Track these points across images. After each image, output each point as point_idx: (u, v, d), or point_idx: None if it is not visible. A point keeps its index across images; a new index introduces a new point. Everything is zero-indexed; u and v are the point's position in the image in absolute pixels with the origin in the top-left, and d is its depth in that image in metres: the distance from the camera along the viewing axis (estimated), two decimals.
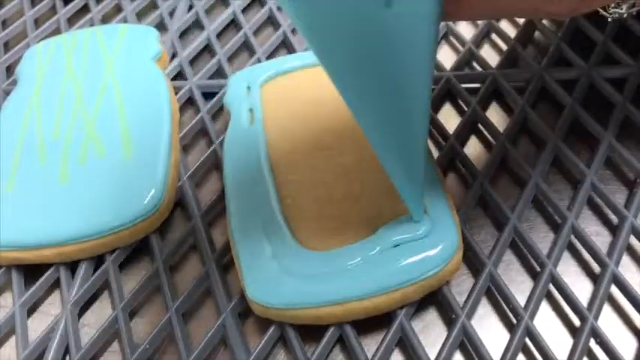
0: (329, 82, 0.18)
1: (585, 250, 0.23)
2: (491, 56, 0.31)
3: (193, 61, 0.33)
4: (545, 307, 0.22)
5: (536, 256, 0.23)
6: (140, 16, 0.37)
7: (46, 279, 0.25)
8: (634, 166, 0.25)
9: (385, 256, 0.22)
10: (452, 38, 0.32)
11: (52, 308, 0.25)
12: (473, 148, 0.28)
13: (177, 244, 0.25)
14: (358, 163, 0.24)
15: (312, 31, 0.17)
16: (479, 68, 0.30)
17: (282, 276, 0.22)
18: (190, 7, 0.36)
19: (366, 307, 0.21)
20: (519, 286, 0.23)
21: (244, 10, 0.36)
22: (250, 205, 0.24)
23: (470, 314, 0.22)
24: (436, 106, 0.29)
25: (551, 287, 0.23)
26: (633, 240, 0.24)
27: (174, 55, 0.33)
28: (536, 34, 0.32)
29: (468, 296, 0.22)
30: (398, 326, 0.22)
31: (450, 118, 0.29)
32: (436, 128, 0.28)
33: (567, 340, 0.21)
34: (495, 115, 0.29)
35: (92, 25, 0.36)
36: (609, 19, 0.24)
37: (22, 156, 0.27)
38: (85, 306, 0.24)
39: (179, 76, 0.32)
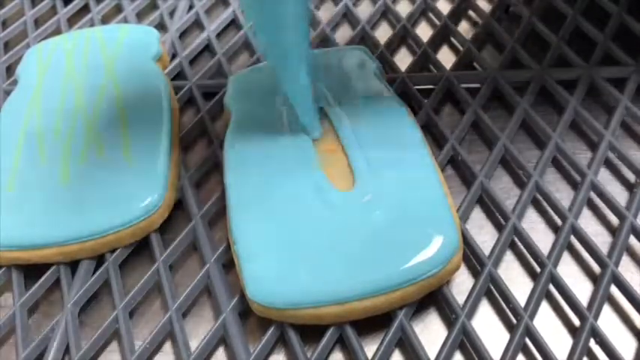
0: None
1: (585, 251, 0.23)
2: (491, 56, 0.31)
3: (193, 61, 0.33)
4: (545, 307, 0.22)
5: (536, 256, 0.23)
6: (140, 16, 0.37)
7: (46, 279, 0.25)
8: (634, 166, 0.25)
9: (385, 255, 0.22)
10: (452, 38, 0.32)
11: (52, 308, 0.25)
12: (472, 148, 0.28)
13: (177, 244, 0.25)
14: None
15: None
16: (479, 68, 0.30)
17: (282, 276, 0.22)
18: (190, 7, 0.36)
19: (366, 307, 0.21)
20: (519, 286, 0.23)
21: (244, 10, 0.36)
22: (252, 203, 0.24)
23: (470, 314, 0.22)
24: (436, 106, 0.29)
25: (551, 287, 0.23)
26: (633, 240, 0.24)
27: (174, 55, 0.33)
28: (536, 34, 0.32)
29: (468, 296, 0.22)
30: (398, 326, 0.22)
31: (450, 118, 0.29)
32: (436, 128, 0.28)
33: (567, 340, 0.21)
34: (495, 115, 0.29)
35: (92, 25, 0.36)
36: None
37: (22, 156, 0.27)
38: (85, 306, 0.24)
39: (179, 76, 0.32)
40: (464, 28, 0.33)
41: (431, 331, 0.22)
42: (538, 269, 0.23)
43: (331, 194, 0.24)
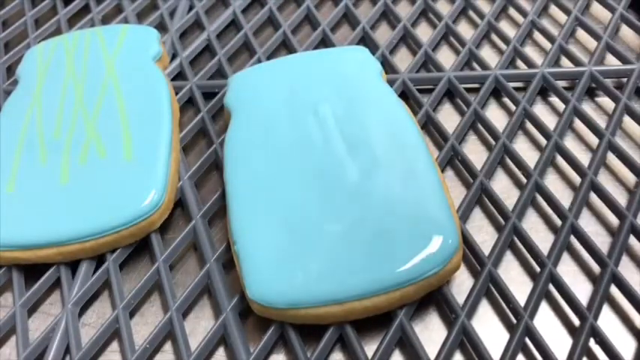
0: None
1: (585, 250, 0.23)
2: (491, 56, 0.31)
3: (193, 61, 0.33)
4: (545, 307, 0.22)
5: (536, 256, 0.23)
6: (140, 16, 0.37)
7: (47, 279, 0.25)
8: (634, 166, 0.25)
9: (385, 254, 0.22)
10: (452, 38, 0.32)
11: (53, 308, 0.25)
12: (472, 148, 0.28)
13: (177, 244, 0.25)
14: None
15: None
16: (479, 68, 0.30)
17: (282, 276, 0.22)
18: (190, 8, 0.36)
19: (366, 307, 0.21)
20: (519, 286, 0.23)
21: (244, 10, 0.36)
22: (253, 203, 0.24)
23: (470, 314, 0.22)
24: (436, 106, 0.29)
25: (551, 287, 0.23)
26: (633, 240, 0.24)
27: (174, 55, 0.34)
28: (536, 34, 0.32)
29: (468, 296, 0.22)
30: (398, 326, 0.22)
31: (450, 118, 0.29)
32: (436, 128, 0.28)
33: (567, 340, 0.21)
34: (495, 115, 0.29)
35: (92, 25, 0.36)
36: None
37: (22, 156, 0.27)
38: (85, 306, 0.24)
39: (179, 76, 0.32)
40: (464, 28, 0.33)
41: (431, 331, 0.22)
42: (538, 269, 0.23)
43: (331, 195, 0.24)
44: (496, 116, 0.29)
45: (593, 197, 0.25)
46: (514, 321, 0.22)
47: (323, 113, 0.26)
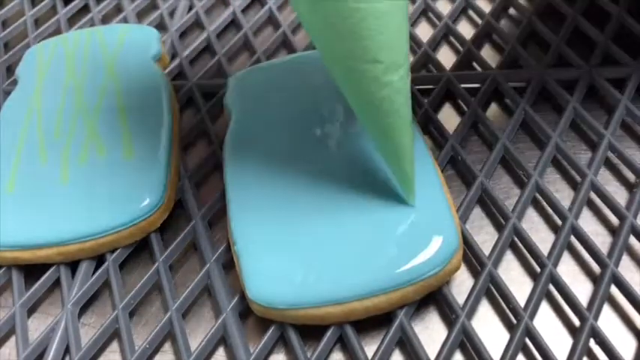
0: None
1: (585, 251, 0.23)
2: (491, 56, 0.31)
3: (193, 61, 0.33)
4: (545, 307, 0.22)
5: (536, 256, 0.23)
6: (140, 16, 0.37)
7: (46, 279, 0.25)
8: (634, 166, 0.25)
9: (385, 255, 0.22)
10: (452, 38, 0.32)
11: (52, 308, 0.25)
12: (473, 148, 0.28)
13: (177, 244, 0.25)
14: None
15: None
16: (479, 68, 0.30)
17: (282, 276, 0.22)
18: (190, 7, 0.36)
19: (366, 307, 0.21)
20: (519, 286, 0.23)
21: (244, 10, 0.36)
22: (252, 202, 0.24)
23: (470, 314, 0.22)
24: (436, 106, 0.29)
25: (551, 287, 0.23)
26: (633, 240, 0.24)
27: (174, 55, 0.34)
28: (536, 34, 0.32)
29: (468, 296, 0.22)
30: (398, 326, 0.22)
31: (450, 118, 0.29)
32: (436, 128, 0.28)
33: (567, 340, 0.21)
34: (495, 115, 0.29)
35: (92, 25, 0.36)
36: None
37: (22, 156, 0.27)
38: (85, 306, 0.24)
39: (179, 76, 0.32)
40: (464, 28, 0.33)
41: (431, 331, 0.22)
42: (538, 269, 0.23)
43: (331, 195, 0.24)
44: (496, 116, 0.29)
45: (593, 197, 0.25)
46: (514, 321, 0.22)
47: (323, 113, 0.26)
